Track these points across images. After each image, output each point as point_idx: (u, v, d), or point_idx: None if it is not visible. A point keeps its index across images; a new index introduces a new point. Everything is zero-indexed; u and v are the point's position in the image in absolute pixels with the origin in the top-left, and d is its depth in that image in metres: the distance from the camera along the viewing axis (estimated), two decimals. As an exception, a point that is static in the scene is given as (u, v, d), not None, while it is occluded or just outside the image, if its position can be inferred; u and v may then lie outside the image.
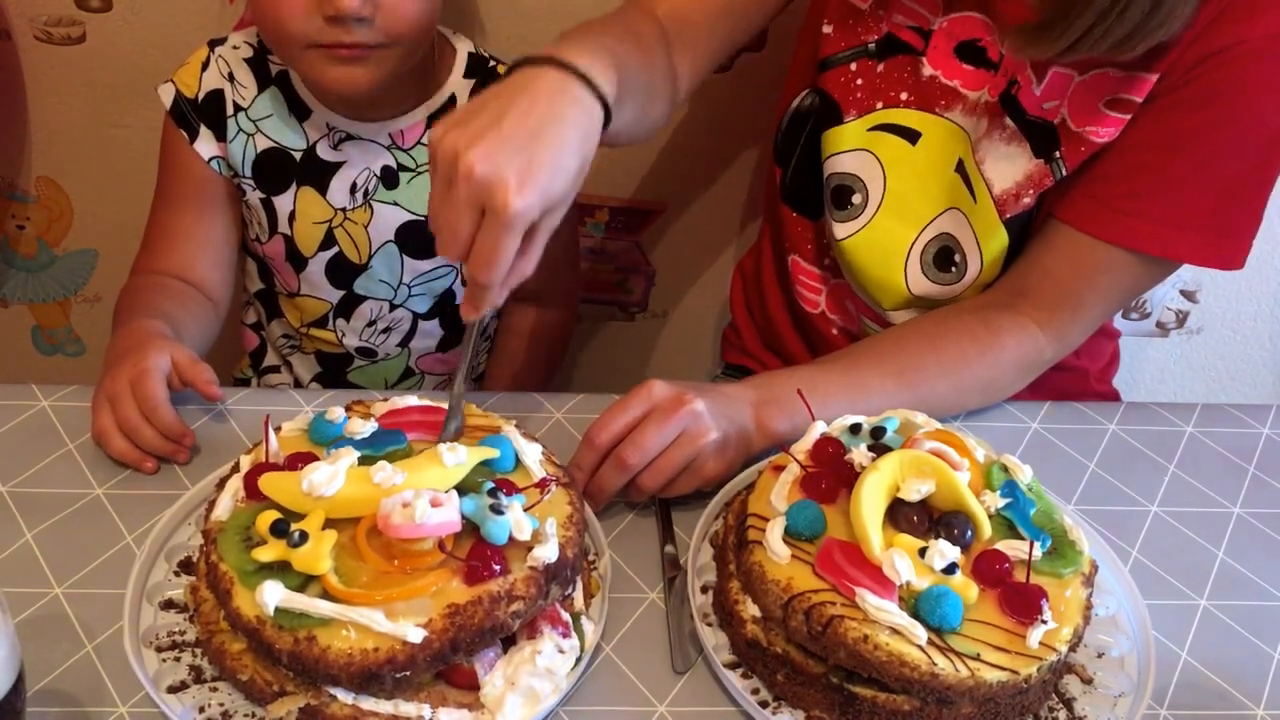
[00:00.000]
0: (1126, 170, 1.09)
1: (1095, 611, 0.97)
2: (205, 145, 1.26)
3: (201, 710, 0.85)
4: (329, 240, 1.31)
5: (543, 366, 1.48)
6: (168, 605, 0.92)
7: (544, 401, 1.16)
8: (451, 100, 1.28)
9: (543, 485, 0.91)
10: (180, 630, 0.90)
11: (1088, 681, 0.93)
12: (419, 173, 1.28)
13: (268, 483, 0.87)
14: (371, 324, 1.37)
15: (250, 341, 1.47)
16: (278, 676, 0.84)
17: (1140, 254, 1.11)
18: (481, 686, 0.85)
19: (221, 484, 0.91)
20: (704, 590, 0.97)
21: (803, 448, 0.97)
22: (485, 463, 0.91)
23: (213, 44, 1.27)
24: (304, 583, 0.82)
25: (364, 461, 0.88)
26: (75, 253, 1.65)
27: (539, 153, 0.87)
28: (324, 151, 1.28)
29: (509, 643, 0.87)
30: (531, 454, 0.94)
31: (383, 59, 1.15)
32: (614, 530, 1.03)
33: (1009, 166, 1.14)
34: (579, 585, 0.94)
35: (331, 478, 0.85)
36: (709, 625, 0.94)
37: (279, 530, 0.83)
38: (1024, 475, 0.96)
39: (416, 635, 0.79)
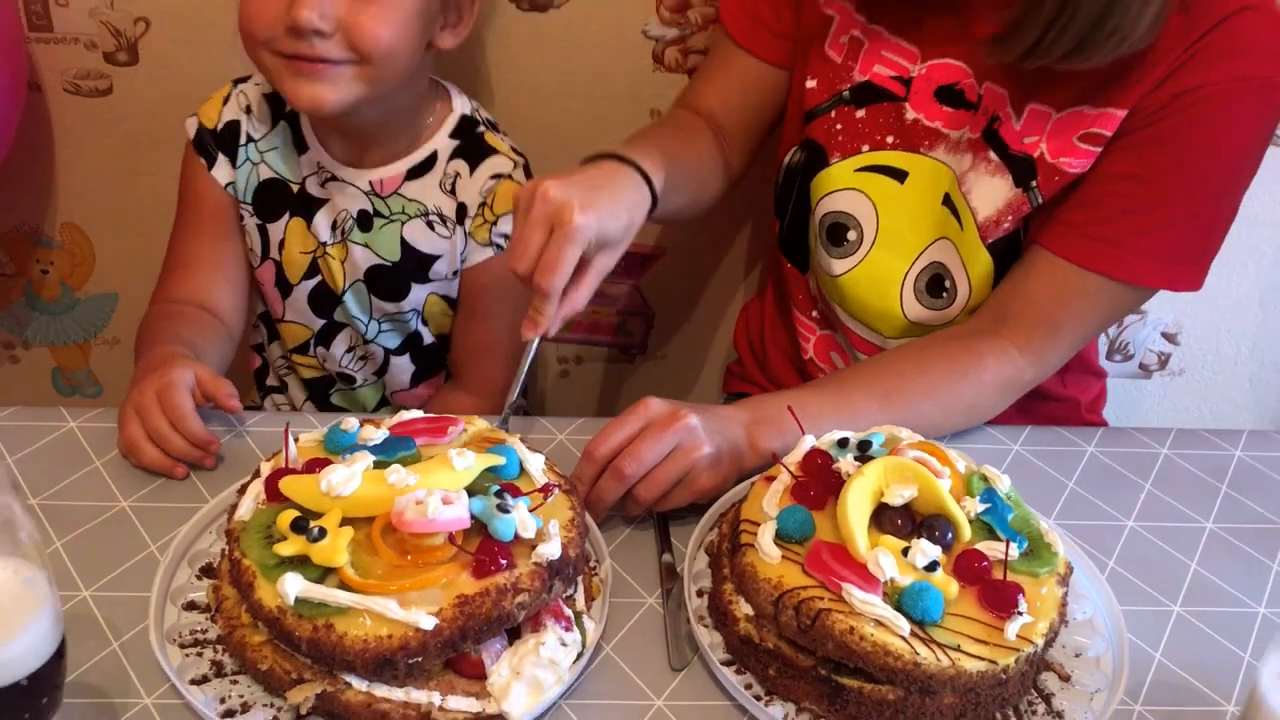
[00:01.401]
0: (1101, 200, 1.17)
1: (1073, 615, 1.02)
2: (221, 171, 1.34)
3: (223, 701, 0.89)
4: (313, 269, 1.38)
5: None
6: (190, 606, 0.97)
7: (548, 424, 1.22)
8: (433, 157, 1.33)
9: (545, 490, 0.96)
10: (202, 629, 0.95)
11: (1065, 679, 0.98)
12: (390, 220, 1.34)
13: (288, 485, 0.92)
14: (350, 350, 1.43)
15: (254, 361, 1.53)
16: (296, 665, 0.88)
17: (1112, 279, 1.18)
18: (488, 676, 0.89)
19: (243, 489, 0.97)
20: (699, 594, 1.02)
21: (793, 459, 1.03)
22: (491, 469, 0.96)
23: (236, 81, 1.35)
24: (322, 575, 0.87)
25: (378, 466, 0.94)
26: (96, 296, 1.72)
27: (600, 194, 1.08)
28: (313, 187, 1.35)
29: (514, 636, 0.92)
30: (535, 463, 1.00)
31: (349, 79, 1.19)
32: (614, 541, 1.08)
33: (992, 195, 1.22)
34: (580, 587, 0.99)
35: (348, 479, 0.90)
36: (704, 626, 0.99)
37: (299, 527, 0.88)
38: (1002, 484, 1.02)
39: (428, 623, 0.84)
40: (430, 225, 1.34)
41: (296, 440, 1.00)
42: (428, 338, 1.43)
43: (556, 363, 1.81)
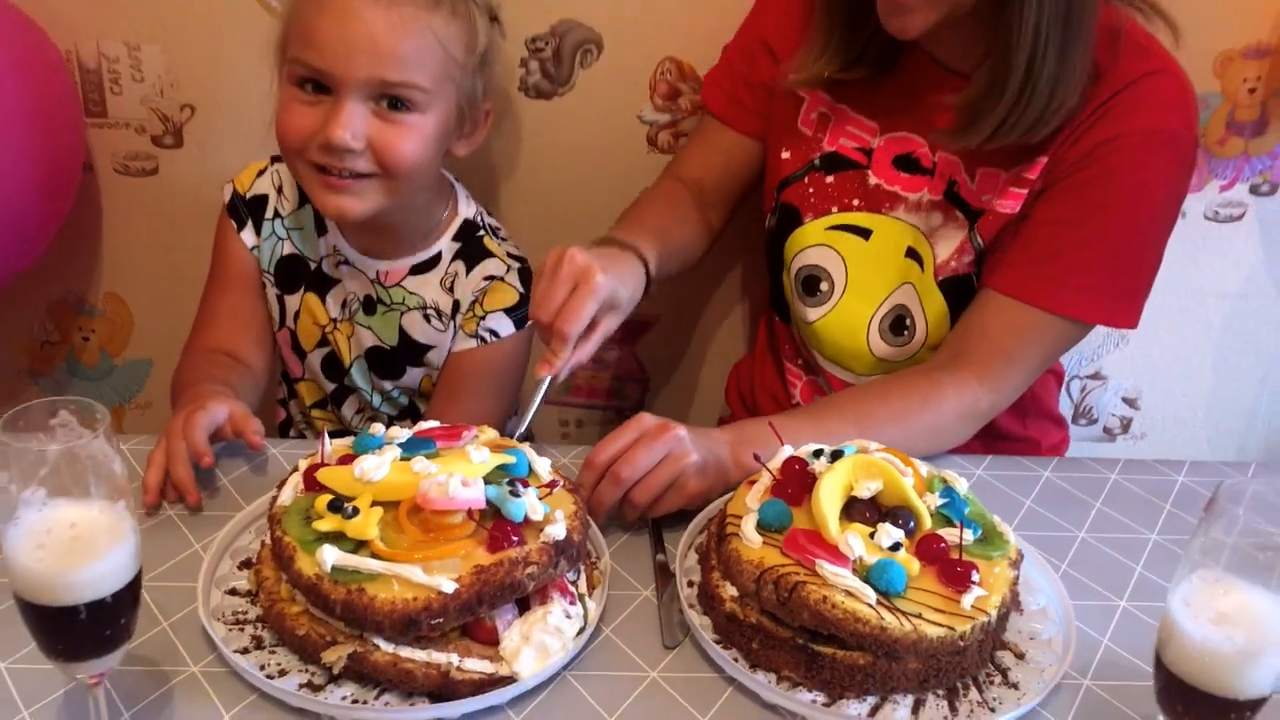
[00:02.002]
0: (1038, 242, 1.32)
1: (1028, 605, 1.13)
2: (248, 235, 1.48)
3: (262, 668, 0.99)
4: (324, 341, 1.51)
5: None
6: (232, 592, 1.08)
7: (552, 451, 1.34)
8: (437, 257, 1.46)
9: (551, 485, 1.08)
10: (243, 610, 1.06)
11: (1020, 656, 1.08)
12: (391, 309, 1.47)
13: (324, 474, 1.05)
14: (359, 412, 1.56)
15: (279, 415, 1.66)
16: (330, 630, 0.99)
17: (1054, 314, 1.33)
18: (501, 641, 1.00)
19: (282, 484, 1.09)
20: (689, 584, 1.13)
21: (774, 465, 1.15)
22: (503, 467, 1.09)
23: (274, 159, 1.50)
24: (355, 549, 0.98)
25: (403, 459, 1.06)
26: (132, 362, 1.85)
27: (616, 264, 1.26)
28: (328, 267, 1.49)
29: (524, 609, 1.03)
30: (542, 464, 1.12)
31: (374, 190, 1.32)
32: (613, 545, 1.19)
33: (950, 243, 1.38)
34: (583, 576, 1.10)
35: (378, 466, 1.03)
36: (694, 610, 1.10)
37: (335, 507, 1.01)
38: (961, 486, 1.14)
39: (449, 586, 0.95)
40: (427, 318, 1.47)
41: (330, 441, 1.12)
42: (423, 410, 1.54)
43: (558, 425, 1.94)
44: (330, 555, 0.97)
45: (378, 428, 1.13)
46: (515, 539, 1.00)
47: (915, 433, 1.31)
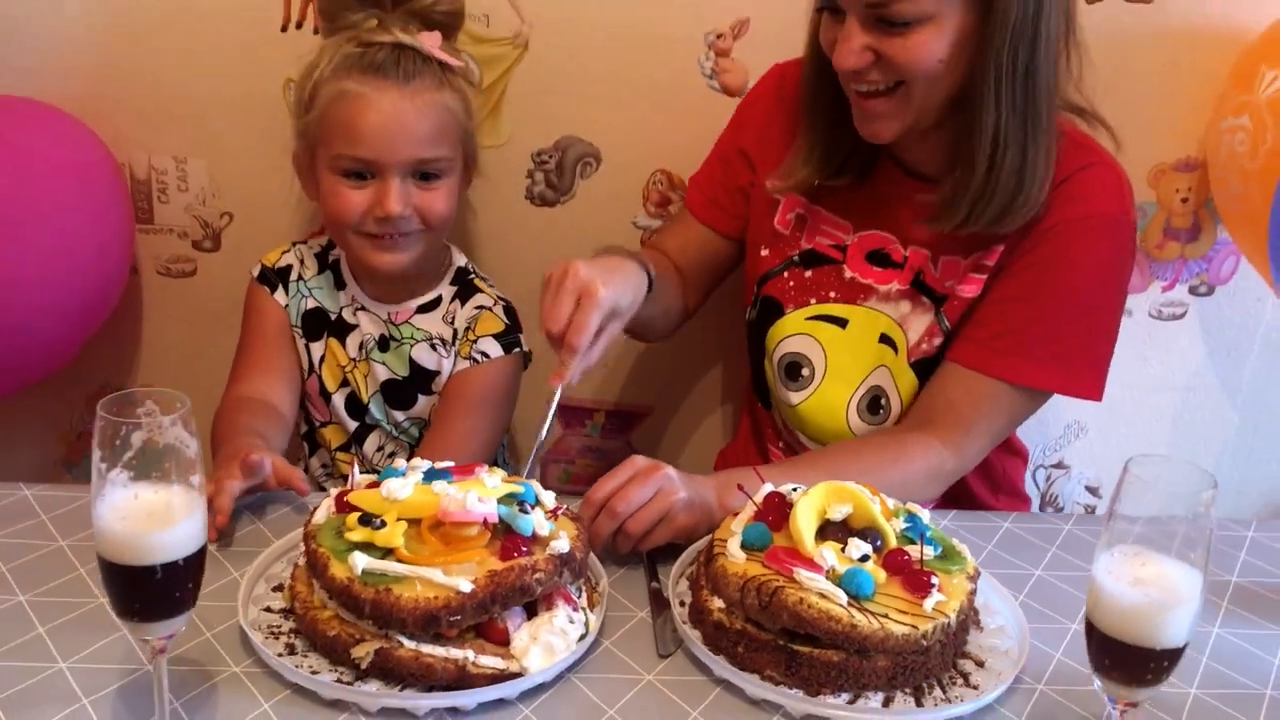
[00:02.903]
0: (995, 319, 1.48)
1: (987, 624, 1.25)
2: (279, 295, 1.68)
3: (296, 668, 1.11)
4: (345, 381, 1.69)
5: None
6: (267, 609, 1.20)
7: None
8: (438, 299, 1.69)
9: (554, 512, 1.21)
10: (277, 624, 1.18)
11: (980, 664, 1.20)
12: (402, 343, 1.68)
13: (354, 496, 1.18)
14: (379, 449, 1.72)
15: None
16: (358, 629, 1.11)
17: (1011, 384, 1.48)
18: (511, 641, 1.12)
19: (314, 509, 1.22)
20: (681, 604, 1.25)
21: (757, 498, 1.29)
22: (513, 495, 1.21)
23: (295, 243, 1.72)
24: (382, 556, 1.11)
25: (424, 483, 1.19)
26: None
27: (615, 275, 1.37)
28: (347, 315, 1.69)
29: (532, 614, 1.15)
30: (547, 497, 1.25)
31: (414, 243, 1.58)
32: (613, 576, 1.31)
33: (920, 326, 1.54)
34: (584, 595, 1.22)
35: (404, 487, 1.16)
36: (685, 625, 1.22)
37: (364, 521, 1.14)
38: (924, 515, 1.27)
39: (467, 586, 1.08)
40: (433, 346, 1.68)
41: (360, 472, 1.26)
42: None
43: (559, 511, 2.06)
44: (361, 560, 1.10)
45: (400, 462, 1.27)
46: (525, 550, 1.13)
47: (885, 487, 1.41)
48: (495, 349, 1.66)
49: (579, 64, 1.80)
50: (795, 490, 1.29)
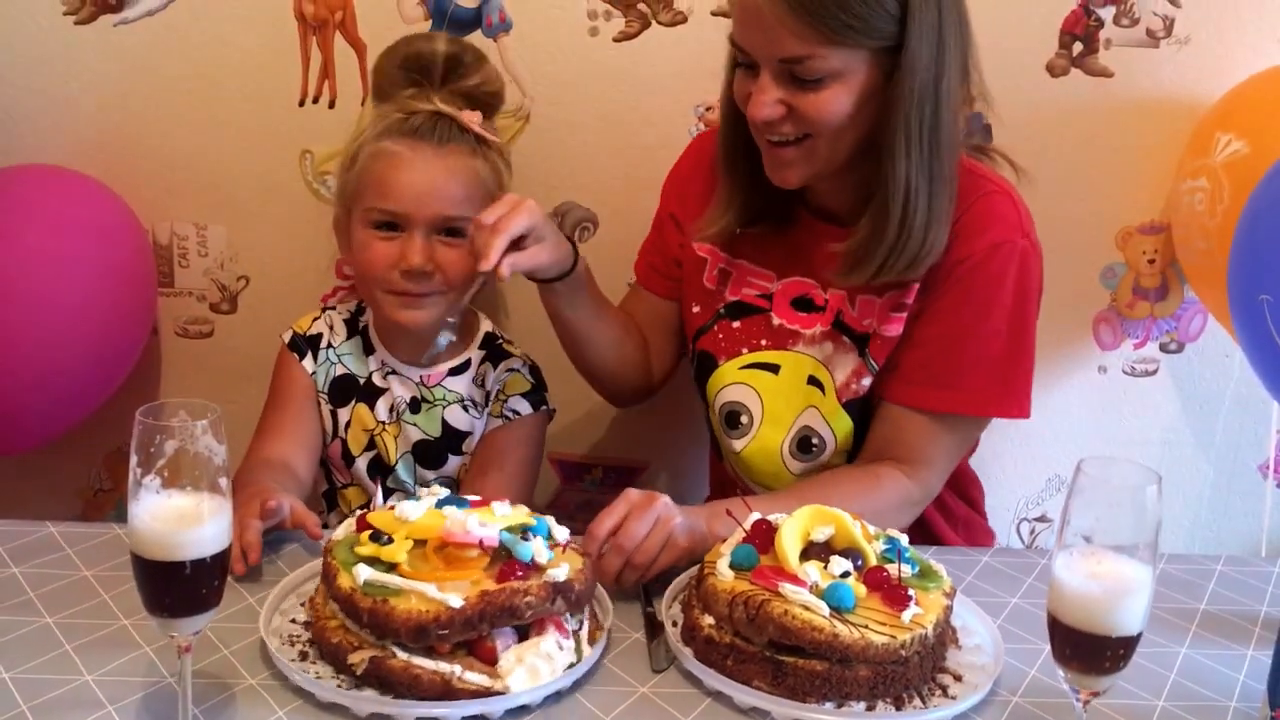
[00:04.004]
0: (928, 360, 1.57)
1: (965, 642, 1.32)
2: (308, 363, 1.75)
3: (305, 673, 1.18)
4: (370, 444, 1.75)
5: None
6: (291, 621, 1.27)
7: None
8: (468, 362, 1.76)
9: (564, 546, 1.27)
10: (297, 634, 1.25)
11: (958, 678, 1.26)
12: (434, 405, 1.74)
13: (372, 516, 1.26)
14: None
15: None
16: (357, 638, 1.18)
17: (957, 415, 1.57)
18: (499, 660, 1.17)
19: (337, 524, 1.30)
20: (674, 624, 1.32)
21: (745, 524, 1.36)
22: (525, 527, 1.27)
23: (325, 308, 1.79)
24: (386, 570, 1.18)
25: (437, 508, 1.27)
26: (176, 507, 2.06)
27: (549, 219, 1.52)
28: (377, 379, 1.75)
29: (523, 639, 1.20)
30: (560, 532, 1.30)
31: (438, 302, 1.65)
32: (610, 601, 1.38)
33: (845, 367, 1.62)
34: (586, 628, 1.27)
35: (415, 509, 1.24)
36: (678, 643, 1.28)
37: (374, 537, 1.22)
38: (902, 539, 1.35)
39: (457, 602, 1.13)
40: (465, 408, 1.74)
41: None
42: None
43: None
44: (364, 572, 1.17)
45: (422, 491, 1.34)
46: (520, 574, 1.18)
47: (860, 513, 1.50)
48: (525, 407, 1.74)
49: (577, 135, 1.92)
50: (781, 517, 1.37)
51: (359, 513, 1.30)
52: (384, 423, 1.75)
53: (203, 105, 1.88)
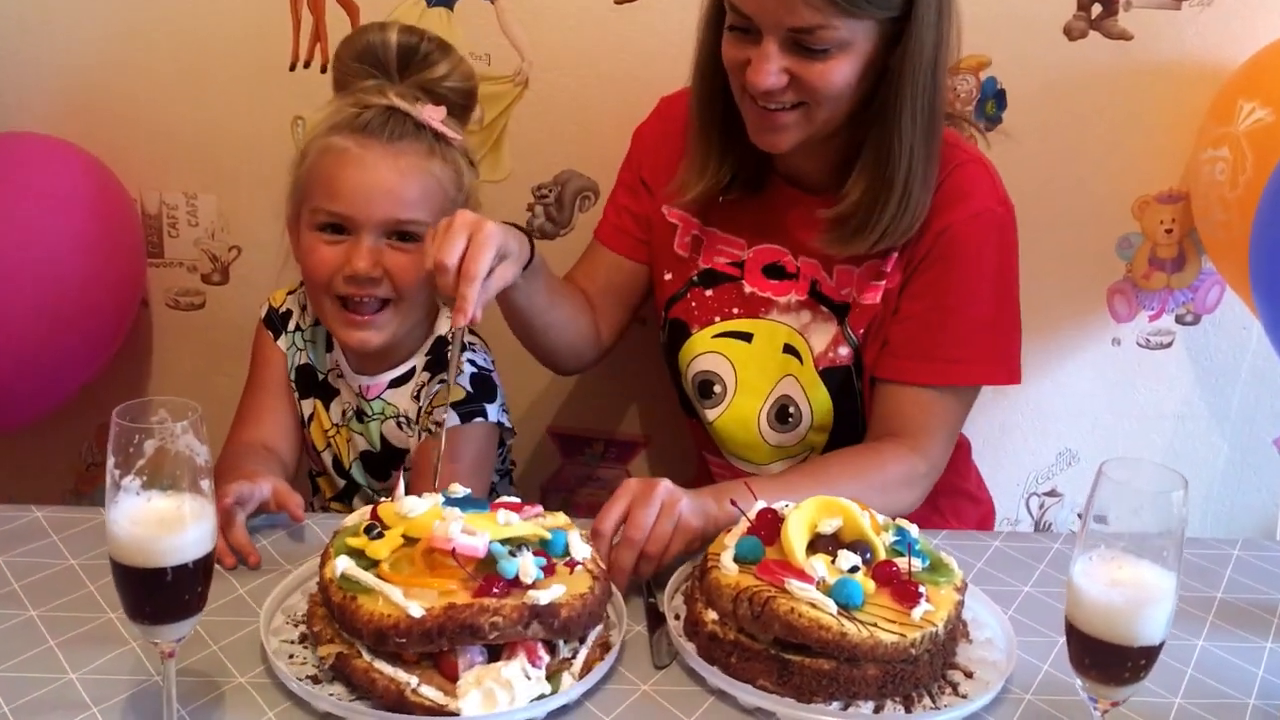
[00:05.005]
0: (917, 334, 1.55)
1: (976, 636, 1.28)
2: (282, 341, 1.68)
3: (291, 656, 1.16)
4: (329, 444, 1.69)
5: None
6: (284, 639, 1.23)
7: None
8: (411, 371, 1.64)
9: (571, 564, 1.19)
10: (290, 638, 1.21)
11: (969, 675, 1.22)
12: (372, 419, 1.65)
13: (382, 508, 1.21)
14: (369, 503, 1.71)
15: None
16: (331, 629, 1.15)
17: (952, 386, 1.56)
18: (459, 678, 1.11)
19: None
20: (676, 617, 1.28)
21: (750, 513, 1.32)
22: (541, 542, 1.20)
23: (301, 283, 1.70)
24: (368, 566, 1.14)
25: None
26: (169, 482, 2.02)
27: (500, 225, 1.36)
28: (331, 379, 1.68)
29: (495, 658, 1.13)
30: (580, 550, 1.21)
31: (389, 320, 1.53)
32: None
33: (823, 336, 1.60)
34: (582, 656, 1.18)
35: (416, 507, 1.19)
36: (680, 637, 1.25)
37: (368, 529, 1.18)
38: (912, 529, 1.31)
39: (417, 611, 1.07)
40: (399, 425, 1.65)
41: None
42: None
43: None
44: (342, 564, 1.13)
45: (456, 486, 1.29)
46: (496, 590, 1.10)
47: (868, 487, 1.45)
48: (452, 419, 1.54)
49: (578, 101, 1.86)
50: (787, 506, 1.33)
51: (380, 501, 1.25)
52: (337, 425, 1.69)
53: (190, 69, 1.83)
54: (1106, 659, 0.98)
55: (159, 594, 0.96)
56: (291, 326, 1.69)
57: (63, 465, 2.03)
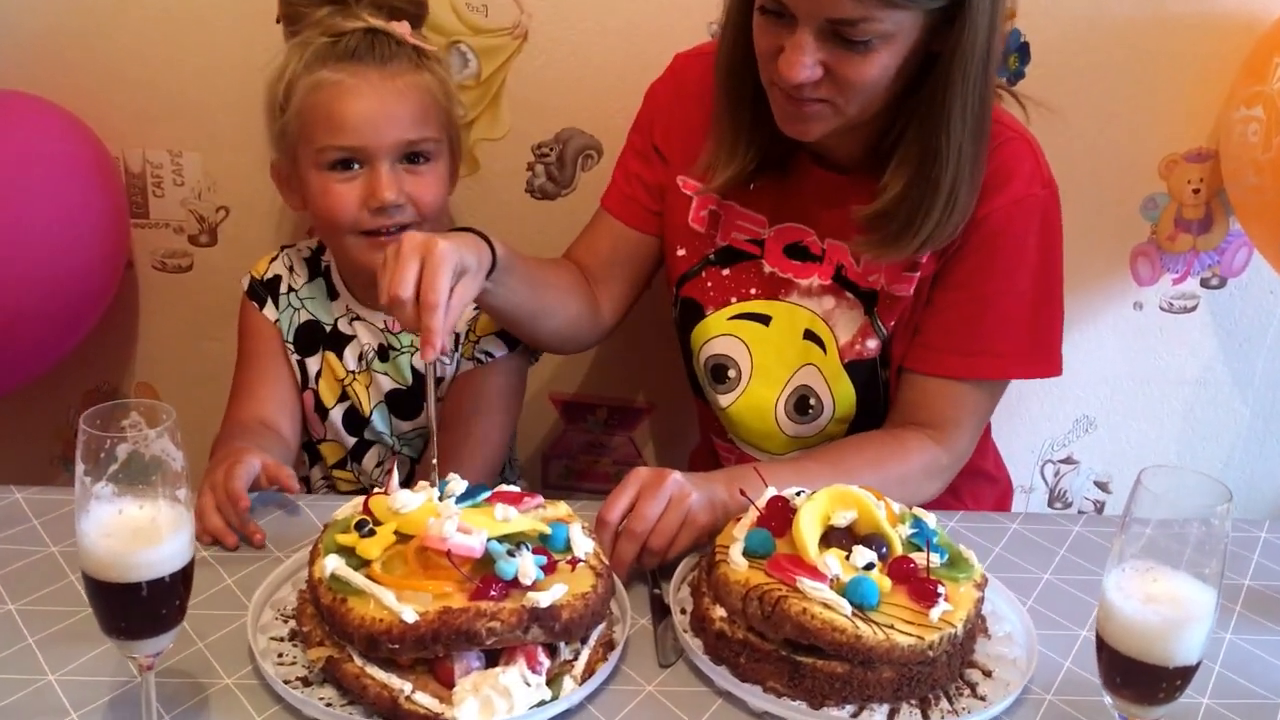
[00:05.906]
0: (953, 326, 1.46)
1: (995, 631, 1.23)
2: (269, 311, 1.62)
3: (280, 656, 1.11)
4: (344, 395, 1.64)
5: None
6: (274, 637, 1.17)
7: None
8: None
9: (573, 562, 1.13)
10: (279, 635, 1.16)
11: (988, 674, 1.17)
12: (402, 352, 1.62)
13: (374, 501, 1.15)
14: (379, 465, 1.67)
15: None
16: (322, 631, 1.09)
17: (985, 379, 1.48)
18: (455, 685, 1.06)
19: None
20: (683, 612, 1.23)
21: (760, 502, 1.26)
22: (541, 538, 1.15)
23: (284, 247, 1.67)
24: (359, 565, 1.08)
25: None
26: (160, 449, 1.97)
27: (453, 237, 1.28)
28: (343, 326, 1.63)
29: (493, 662, 1.08)
30: (582, 545, 1.16)
31: None
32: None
33: (849, 325, 1.51)
34: (584, 658, 1.13)
35: (409, 502, 1.13)
36: (687, 634, 1.19)
37: (359, 526, 1.12)
38: (930, 519, 1.25)
39: (410, 616, 1.02)
40: None
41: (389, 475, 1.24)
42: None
43: (562, 508, 2.04)
44: (332, 563, 1.08)
45: (454, 479, 1.23)
46: (494, 593, 1.05)
47: (887, 479, 1.39)
48: (500, 348, 1.62)
49: (580, 55, 1.77)
50: (799, 494, 1.27)
51: (373, 492, 1.19)
52: (354, 372, 1.64)
53: (172, 22, 1.74)
54: (1139, 678, 0.93)
55: (134, 609, 0.90)
56: (283, 289, 1.63)
57: (49, 431, 1.97)
